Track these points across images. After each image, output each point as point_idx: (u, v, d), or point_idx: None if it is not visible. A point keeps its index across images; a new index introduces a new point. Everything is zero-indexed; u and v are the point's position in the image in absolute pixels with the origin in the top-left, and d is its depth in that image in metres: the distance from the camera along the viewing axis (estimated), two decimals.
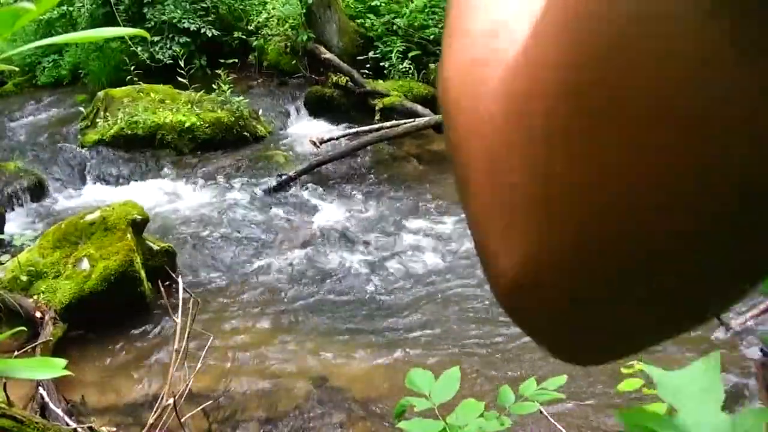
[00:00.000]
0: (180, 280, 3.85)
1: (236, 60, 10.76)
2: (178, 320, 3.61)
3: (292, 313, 5.25)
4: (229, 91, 9.04)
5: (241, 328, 5.08)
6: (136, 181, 8.14)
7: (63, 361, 1.69)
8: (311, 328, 5.04)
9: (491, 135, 0.36)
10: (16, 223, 7.01)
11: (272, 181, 7.68)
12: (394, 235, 6.41)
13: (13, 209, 7.34)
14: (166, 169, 8.31)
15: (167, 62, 10.40)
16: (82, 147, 8.71)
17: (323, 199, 7.32)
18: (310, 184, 7.65)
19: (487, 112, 0.37)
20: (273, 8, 10.97)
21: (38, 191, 7.73)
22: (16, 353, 4.24)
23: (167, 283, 4.29)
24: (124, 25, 10.65)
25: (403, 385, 2.29)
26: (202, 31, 10.94)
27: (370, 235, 6.45)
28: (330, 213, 6.99)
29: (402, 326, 4.99)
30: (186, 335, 3.72)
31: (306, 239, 6.42)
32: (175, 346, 3.58)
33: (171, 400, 3.40)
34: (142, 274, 5.27)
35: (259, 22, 11.16)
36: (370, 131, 8.43)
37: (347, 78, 9.81)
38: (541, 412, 2.63)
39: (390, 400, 3.96)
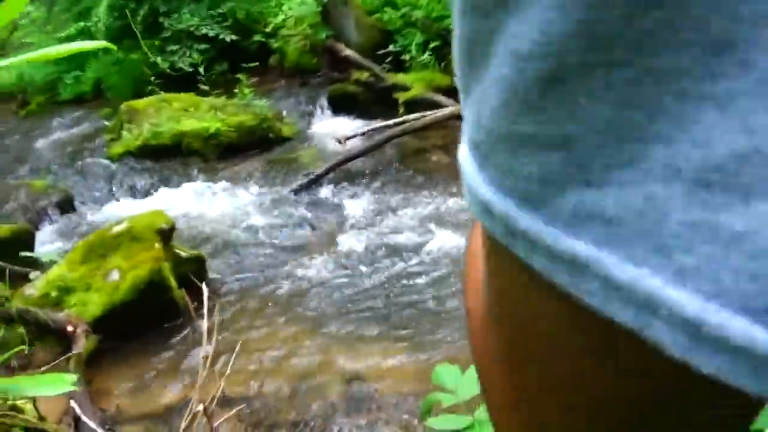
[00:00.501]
0: (204, 286, 3.85)
1: (257, 63, 10.79)
2: (204, 327, 3.62)
3: (321, 314, 5.24)
4: (250, 94, 9.06)
5: (272, 331, 5.08)
6: (164, 190, 8.17)
7: (73, 377, 1.69)
8: (340, 328, 5.03)
9: (473, 343, 0.44)
10: (46, 240, 7.06)
11: (299, 182, 7.68)
12: (423, 230, 6.38)
13: (43, 226, 7.40)
14: (193, 176, 8.34)
15: (188, 70, 10.44)
16: (109, 160, 8.77)
17: (350, 197, 7.31)
18: (336, 182, 7.64)
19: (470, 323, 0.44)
20: (289, 9, 10.98)
21: (67, 207, 7.78)
22: (44, 368, 4.28)
23: (201, 290, 4.29)
24: (142, 36, 10.72)
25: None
26: (221, 36, 10.98)
27: (398, 232, 6.42)
28: (356, 210, 6.98)
29: (431, 324, 4.97)
30: (213, 341, 3.72)
31: (333, 239, 6.41)
32: (203, 353, 3.58)
33: (201, 406, 3.40)
34: (172, 281, 5.29)
35: (276, 24, 11.18)
36: (394, 125, 8.41)
37: (368, 73, 9.80)
38: None
39: (423, 399, 3.94)
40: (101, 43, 1.16)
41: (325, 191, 7.52)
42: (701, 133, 0.23)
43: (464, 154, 0.32)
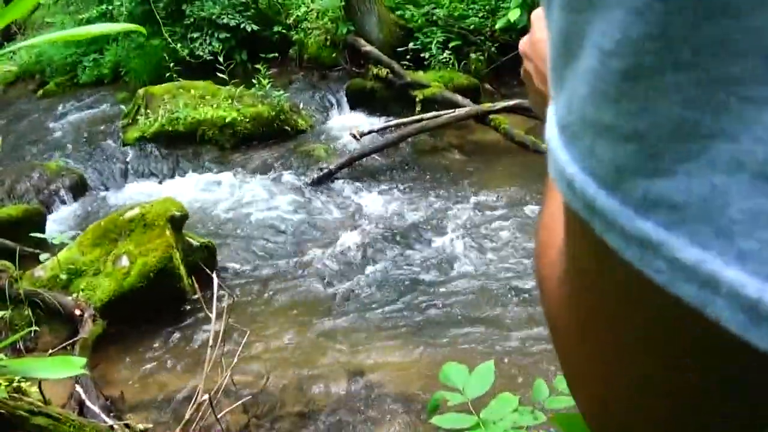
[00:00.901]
0: (215, 276, 3.84)
1: (276, 54, 10.78)
2: (213, 316, 3.60)
3: (330, 308, 5.23)
4: (269, 85, 9.04)
5: (280, 323, 5.07)
6: (178, 177, 8.17)
7: (82, 360, 1.66)
8: (349, 322, 5.02)
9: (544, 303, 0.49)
10: (58, 222, 7.06)
11: (313, 175, 7.66)
12: (435, 228, 6.36)
13: (55, 208, 7.40)
14: (207, 165, 8.34)
15: (207, 58, 10.43)
16: (124, 145, 8.77)
17: (363, 192, 7.29)
18: (350, 177, 7.62)
19: (543, 288, 0.50)
20: (312, 1, 10.97)
21: (80, 190, 7.78)
22: (50, 351, 4.27)
23: (211, 279, 4.27)
24: (163, 23, 10.72)
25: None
26: (242, 26, 10.96)
27: (410, 228, 6.40)
28: (370, 206, 6.95)
29: (440, 321, 4.95)
30: (221, 331, 3.71)
31: (346, 233, 6.39)
32: (210, 342, 3.57)
33: (207, 396, 3.39)
34: (182, 269, 5.27)
35: (298, 16, 11.18)
36: (411, 123, 8.38)
37: (387, 70, 9.77)
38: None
39: (428, 395, 3.92)
40: (129, 26, 1.13)
41: (339, 185, 7.50)
42: (762, 132, 0.26)
43: (552, 134, 0.35)
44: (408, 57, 10.11)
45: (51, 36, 1.28)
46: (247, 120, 8.77)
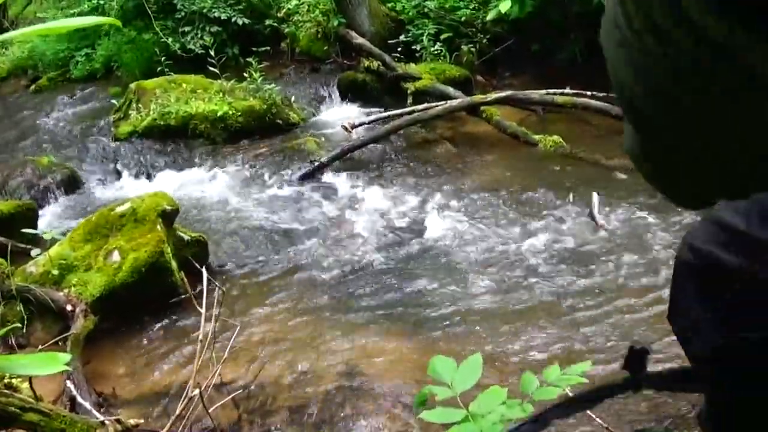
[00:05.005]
0: (204, 271, 3.83)
1: (268, 48, 10.78)
2: (203, 311, 3.60)
3: (322, 302, 5.22)
4: (260, 79, 9.04)
5: (271, 317, 5.06)
6: (170, 171, 8.17)
7: (66, 357, 1.66)
8: (341, 316, 5.01)
9: None
10: (50, 218, 7.06)
11: (305, 168, 7.65)
12: (426, 220, 6.36)
13: (47, 204, 7.39)
14: (199, 159, 8.33)
15: (198, 52, 10.42)
16: (116, 140, 8.77)
17: (355, 185, 7.28)
18: (341, 170, 7.61)
19: None
20: None
21: (72, 185, 7.78)
22: (41, 347, 4.27)
23: (205, 274, 4.26)
24: (154, 17, 10.70)
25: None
26: (233, 19, 10.96)
27: (401, 221, 6.40)
28: (362, 198, 6.95)
29: (432, 314, 4.94)
30: (212, 326, 3.71)
31: (337, 226, 6.39)
32: (200, 337, 3.57)
33: (197, 391, 3.39)
34: (173, 264, 5.27)
35: (289, 9, 11.17)
36: (402, 115, 8.38)
37: (379, 62, 9.77)
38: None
39: (420, 389, 3.91)
40: (106, 19, 1.14)
41: (330, 178, 7.50)
42: None
43: None
44: (399, 49, 10.11)
45: (29, 29, 1.28)
46: (239, 114, 8.77)
